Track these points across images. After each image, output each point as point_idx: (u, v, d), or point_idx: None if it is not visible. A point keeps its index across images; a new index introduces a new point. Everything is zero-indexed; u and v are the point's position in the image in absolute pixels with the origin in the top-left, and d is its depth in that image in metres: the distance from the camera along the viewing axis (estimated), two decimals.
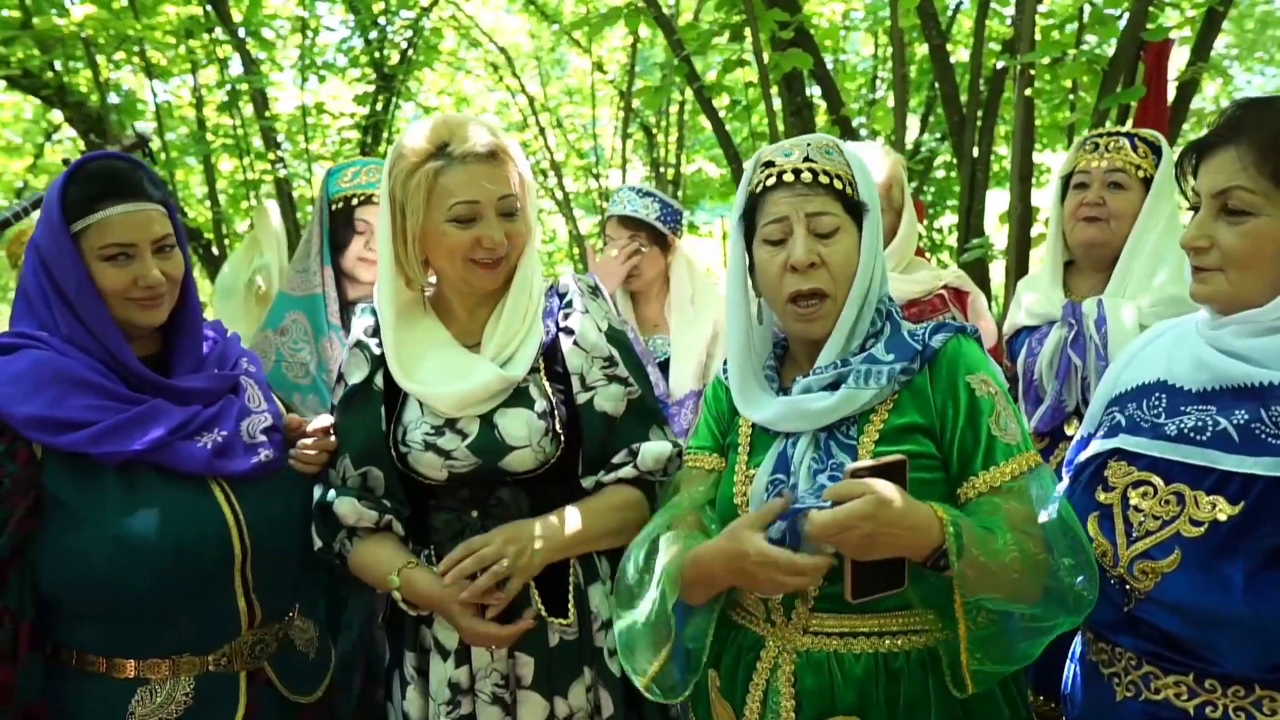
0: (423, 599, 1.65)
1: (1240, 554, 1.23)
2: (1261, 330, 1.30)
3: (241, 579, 1.64)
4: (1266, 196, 1.26)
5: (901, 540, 1.30)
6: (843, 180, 1.52)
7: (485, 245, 1.65)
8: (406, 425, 1.71)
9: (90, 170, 1.63)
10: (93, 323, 1.60)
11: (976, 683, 1.36)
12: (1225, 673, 1.28)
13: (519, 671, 1.68)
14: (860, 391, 1.46)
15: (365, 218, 2.48)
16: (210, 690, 1.63)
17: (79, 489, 1.56)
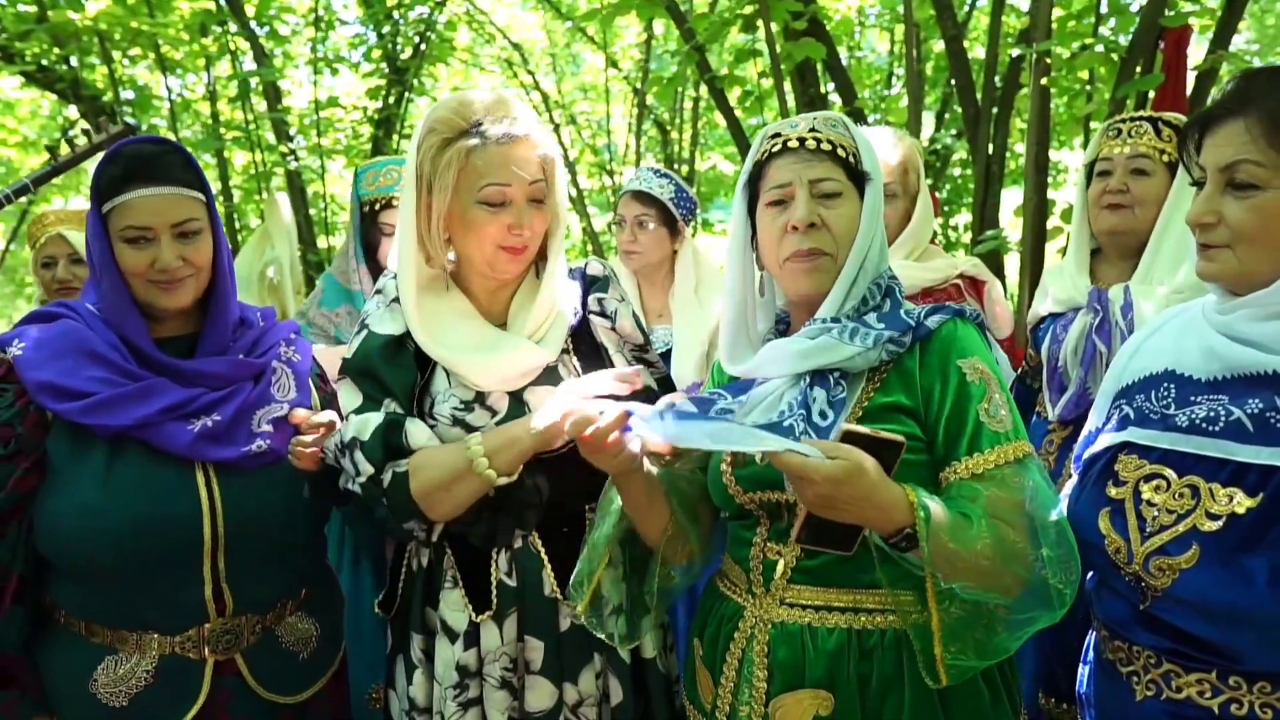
0: (517, 441, 1.57)
1: (1263, 547, 1.19)
2: (1273, 314, 1.26)
3: (211, 565, 1.64)
4: (1276, 169, 1.22)
5: (863, 514, 1.28)
6: (846, 150, 1.53)
7: (515, 231, 1.62)
8: (434, 396, 1.68)
9: (124, 152, 1.67)
10: (111, 300, 1.66)
11: (951, 675, 1.32)
12: (1250, 669, 1.23)
13: (528, 656, 1.66)
14: (841, 345, 1.43)
15: (389, 221, 2.51)
16: (172, 672, 1.64)
17: (70, 456, 1.61)
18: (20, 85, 7.15)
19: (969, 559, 1.28)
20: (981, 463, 1.39)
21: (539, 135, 1.65)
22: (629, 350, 1.76)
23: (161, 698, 1.63)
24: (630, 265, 2.88)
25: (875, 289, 1.53)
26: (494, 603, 1.65)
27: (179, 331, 1.73)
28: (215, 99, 6.46)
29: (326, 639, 1.84)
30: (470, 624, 1.65)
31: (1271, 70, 1.28)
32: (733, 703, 1.49)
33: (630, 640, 1.62)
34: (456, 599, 1.67)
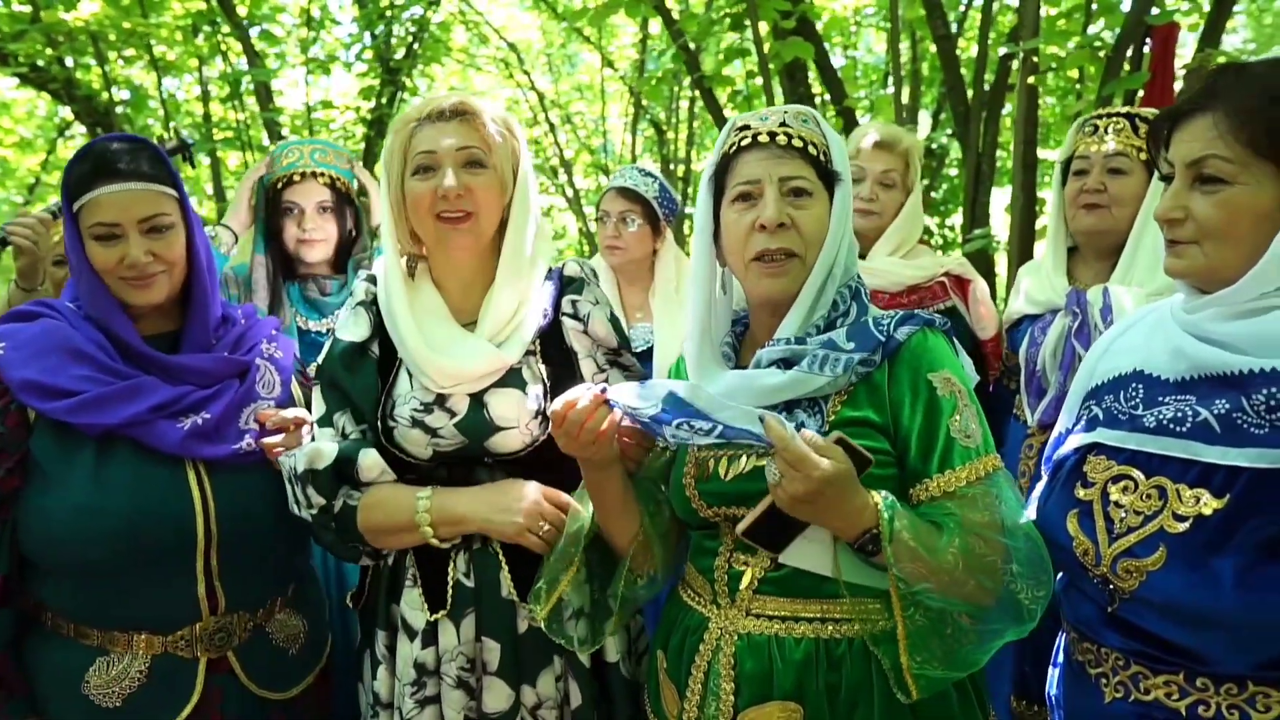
0: (462, 513, 1.62)
1: (1229, 549, 1.18)
2: (1239, 313, 1.25)
3: (204, 564, 1.63)
4: (1242, 164, 1.21)
5: (834, 515, 1.29)
6: (817, 148, 1.48)
7: (440, 193, 1.63)
8: (396, 399, 1.69)
9: (92, 151, 1.68)
10: (90, 298, 1.65)
11: (921, 687, 1.31)
12: (1217, 671, 1.22)
13: (485, 656, 1.66)
14: (811, 376, 1.41)
15: (292, 199, 2.47)
16: (166, 671, 1.64)
17: (57, 454, 1.60)
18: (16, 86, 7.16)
19: (933, 563, 1.27)
20: (953, 480, 1.37)
21: (471, 109, 1.66)
22: (603, 354, 1.75)
23: (155, 697, 1.63)
24: (612, 261, 2.88)
25: (845, 292, 1.50)
26: (449, 602, 1.64)
27: (160, 329, 1.73)
28: (208, 99, 6.45)
29: (313, 635, 1.85)
30: (428, 623, 1.65)
31: (1239, 66, 1.27)
32: (699, 716, 1.46)
33: (591, 644, 1.60)
34: (415, 598, 1.67)
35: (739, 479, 1.45)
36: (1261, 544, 1.16)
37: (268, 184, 2.51)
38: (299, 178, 2.46)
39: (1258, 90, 1.21)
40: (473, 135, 1.65)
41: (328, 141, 2.61)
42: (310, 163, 2.47)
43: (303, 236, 2.46)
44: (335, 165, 2.51)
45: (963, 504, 1.35)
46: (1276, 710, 1.19)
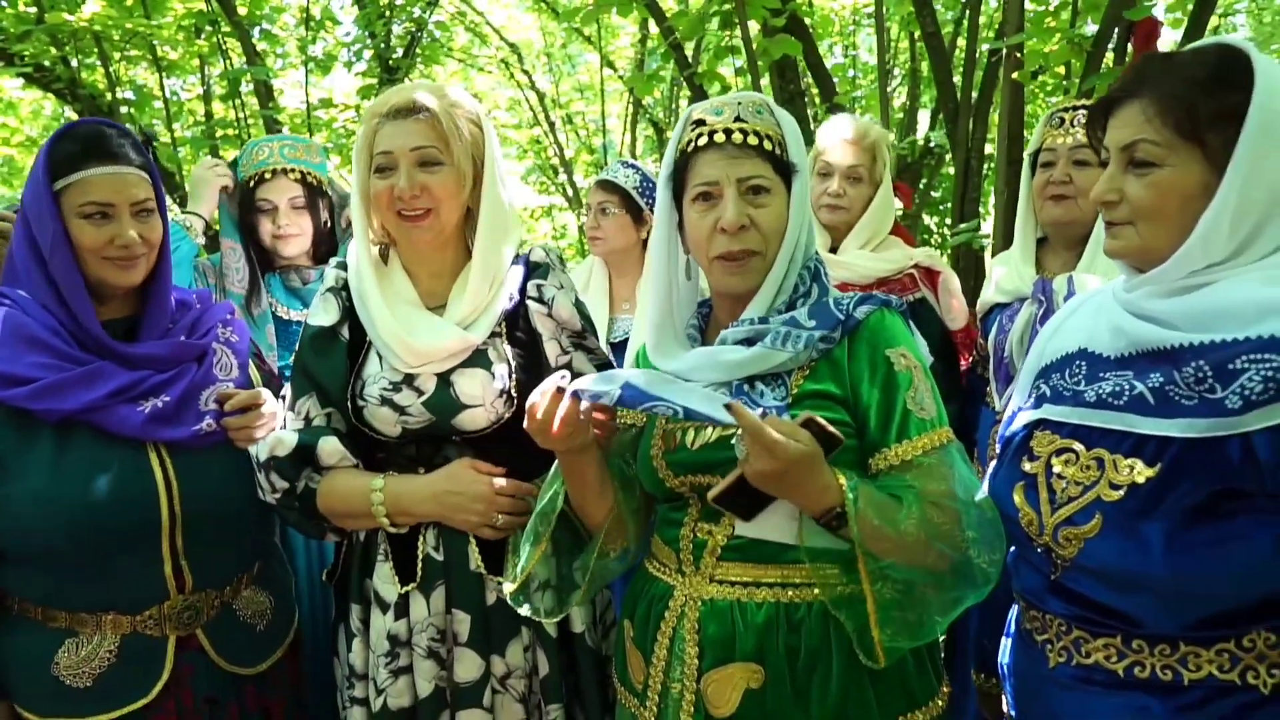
0: (413, 504, 1.69)
1: (1158, 515, 1.22)
2: (1172, 290, 1.30)
3: (170, 544, 1.67)
4: (1170, 148, 1.26)
5: (799, 493, 1.34)
6: (773, 141, 1.52)
7: (396, 194, 1.68)
8: (366, 379, 1.75)
9: (78, 132, 1.69)
10: (63, 280, 1.65)
11: (889, 655, 1.36)
12: (1150, 633, 1.27)
13: (455, 628, 1.71)
14: (774, 352, 1.46)
15: (266, 196, 2.52)
16: (135, 650, 1.67)
17: (16, 442, 1.61)
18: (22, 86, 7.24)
19: (895, 537, 1.33)
20: (910, 449, 1.43)
21: (427, 108, 1.69)
22: (567, 337, 1.80)
23: (125, 676, 1.66)
24: (596, 250, 2.94)
25: (805, 274, 1.55)
26: (419, 575, 1.70)
27: (118, 314, 1.75)
28: (209, 98, 6.52)
29: (280, 611, 1.89)
30: (400, 595, 1.71)
31: (1165, 55, 1.32)
32: (664, 680, 1.51)
33: (557, 614, 1.66)
34: (387, 571, 1.73)
35: (705, 448, 1.50)
36: (1187, 510, 1.21)
37: (240, 181, 2.56)
38: (270, 175, 2.51)
39: (1182, 78, 1.26)
40: (429, 133, 1.69)
41: (297, 136, 2.67)
42: (280, 159, 2.53)
43: (278, 233, 2.52)
44: (306, 160, 2.57)
45: (919, 474, 1.41)
46: (1207, 669, 1.24)
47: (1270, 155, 1.22)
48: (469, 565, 1.71)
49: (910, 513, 1.35)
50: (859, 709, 1.43)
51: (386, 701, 1.71)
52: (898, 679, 1.46)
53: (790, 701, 1.43)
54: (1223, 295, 1.25)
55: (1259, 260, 1.26)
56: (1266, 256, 1.26)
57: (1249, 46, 1.26)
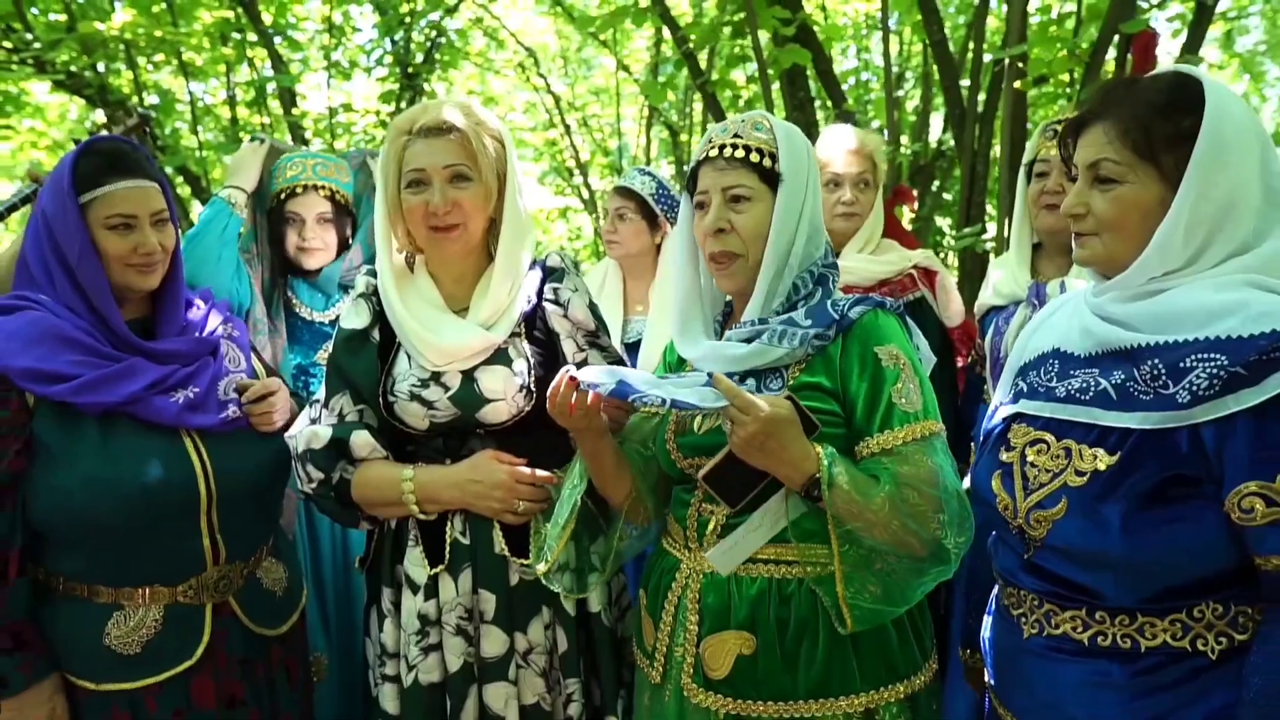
0: (441, 491, 1.82)
1: (1116, 499, 1.35)
2: (1133, 295, 1.42)
3: (207, 520, 1.82)
4: (1130, 166, 1.38)
5: (780, 460, 1.47)
6: (762, 153, 1.65)
7: (430, 209, 1.81)
8: (396, 377, 1.88)
9: (100, 149, 1.83)
10: (90, 285, 1.78)
11: (856, 619, 1.50)
12: (1110, 605, 1.40)
13: (481, 607, 1.85)
14: (771, 348, 1.60)
15: (295, 209, 2.65)
16: (178, 618, 1.83)
17: (62, 434, 1.74)
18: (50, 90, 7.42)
19: (866, 508, 1.46)
20: (892, 439, 1.55)
21: (458, 127, 1.82)
22: (582, 336, 1.94)
23: (171, 642, 1.81)
24: (612, 254, 3.07)
25: (807, 278, 1.67)
26: (446, 558, 1.84)
27: (134, 315, 1.88)
28: (234, 104, 6.70)
29: (292, 579, 2.06)
30: (429, 577, 1.85)
31: (1127, 81, 1.45)
32: (669, 644, 1.68)
33: (577, 592, 1.80)
34: (418, 555, 1.86)
35: (711, 432, 1.65)
36: (1141, 494, 1.33)
37: (271, 194, 2.69)
38: (301, 190, 2.64)
39: (1140, 102, 1.39)
40: (459, 151, 1.82)
41: (329, 155, 2.79)
42: (312, 176, 2.66)
43: (302, 245, 2.64)
44: (335, 179, 2.69)
45: (898, 459, 1.53)
46: (1161, 638, 1.37)
47: (1219, 173, 1.34)
48: (494, 548, 1.85)
49: (883, 490, 1.48)
50: (841, 677, 1.57)
51: (418, 677, 1.85)
52: (880, 651, 1.60)
53: (779, 667, 1.57)
54: (1178, 300, 1.37)
55: (1212, 268, 1.38)
56: (1219, 264, 1.38)
57: (1202, 74, 1.39)
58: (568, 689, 1.87)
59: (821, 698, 1.57)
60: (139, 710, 1.79)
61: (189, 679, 1.82)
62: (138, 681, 1.78)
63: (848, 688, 1.58)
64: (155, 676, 1.79)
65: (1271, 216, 1.38)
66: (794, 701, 1.57)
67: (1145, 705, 1.37)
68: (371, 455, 1.86)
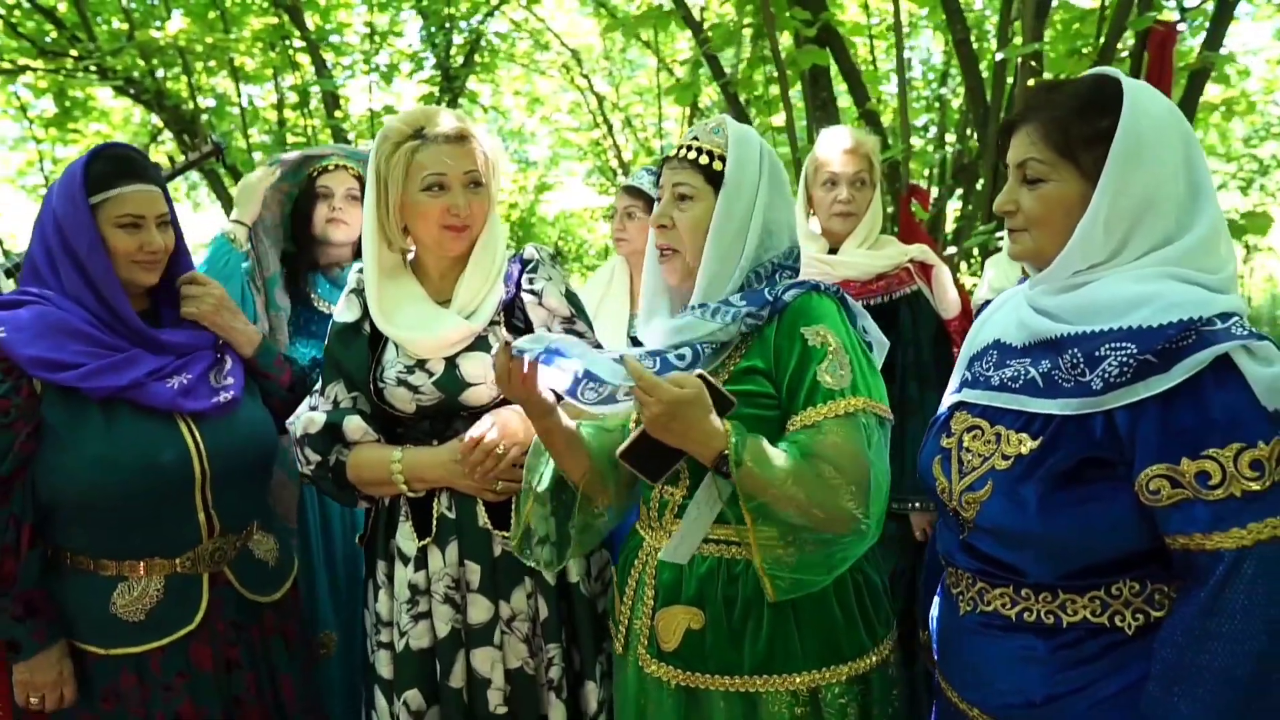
0: (426, 471, 1.96)
1: (1034, 480, 1.41)
2: (1060, 288, 1.49)
3: (201, 496, 1.96)
4: (1053, 166, 1.45)
5: (689, 437, 1.54)
6: (712, 156, 1.74)
7: (453, 212, 1.94)
8: (385, 365, 2.02)
9: (110, 154, 1.98)
10: (100, 280, 1.92)
11: (778, 590, 1.57)
12: (1034, 582, 1.47)
13: (468, 577, 1.98)
14: (703, 322, 1.68)
15: (325, 183, 2.77)
16: (178, 587, 1.97)
17: (68, 418, 1.87)
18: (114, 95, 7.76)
19: (769, 481, 1.52)
20: (815, 414, 1.60)
21: (472, 135, 1.97)
22: (558, 323, 2.05)
23: (172, 609, 1.96)
24: (620, 251, 3.17)
25: (755, 278, 1.74)
26: (434, 531, 1.97)
27: (138, 308, 2.00)
28: (282, 106, 6.94)
29: (283, 551, 2.20)
30: (419, 549, 1.98)
31: (1050, 85, 1.52)
32: (630, 615, 1.78)
33: (555, 566, 1.89)
34: (407, 529, 2.00)
35: None
36: (1057, 475, 1.40)
37: (303, 176, 2.80)
38: (332, 167, 2.78)
39: (1061, 105, 1.46)
40: (473, 158, 1.96)
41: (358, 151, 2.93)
42: (340, 157, 2.81)
43: (331, 216, 2.76)
44: (362, 169, 2.85)
45: (814, 433, 1.58)
46: (1081, 614, 1.43)
47: (1135, 170, 1.40)
48: (478, 523, 1.98)
49: (789, 464, 1.54)
50: (784, 655, 1.65)
51: (409, 643, 1.98)
52: (823, 632, 1.67)
53: (725, 642, 1.66)
54: (1099, 292, 1.44)
55: (1134, 261, 1.44)
56: (1140, 257, 1.44)
57: (1121, 75, 1.46)
58: (549, 654, 1.99)
59: (765, 674, 1.65)
60: (145, 673, 1.93)
61: (189, 644, 1.96)
62: (143, 645, 1.93)
63: (790, 666, 1.65)
64: (158, 641, 1.94)
65: (1194, 211, 1.44)
66: (739, 676, 1.66)
67: (1067, 678, 1.43)
68: (363, 438, 1.99)
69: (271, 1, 6.34)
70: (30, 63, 6.70)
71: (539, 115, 11.01)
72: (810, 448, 1.57)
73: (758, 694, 1.66)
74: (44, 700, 1.89)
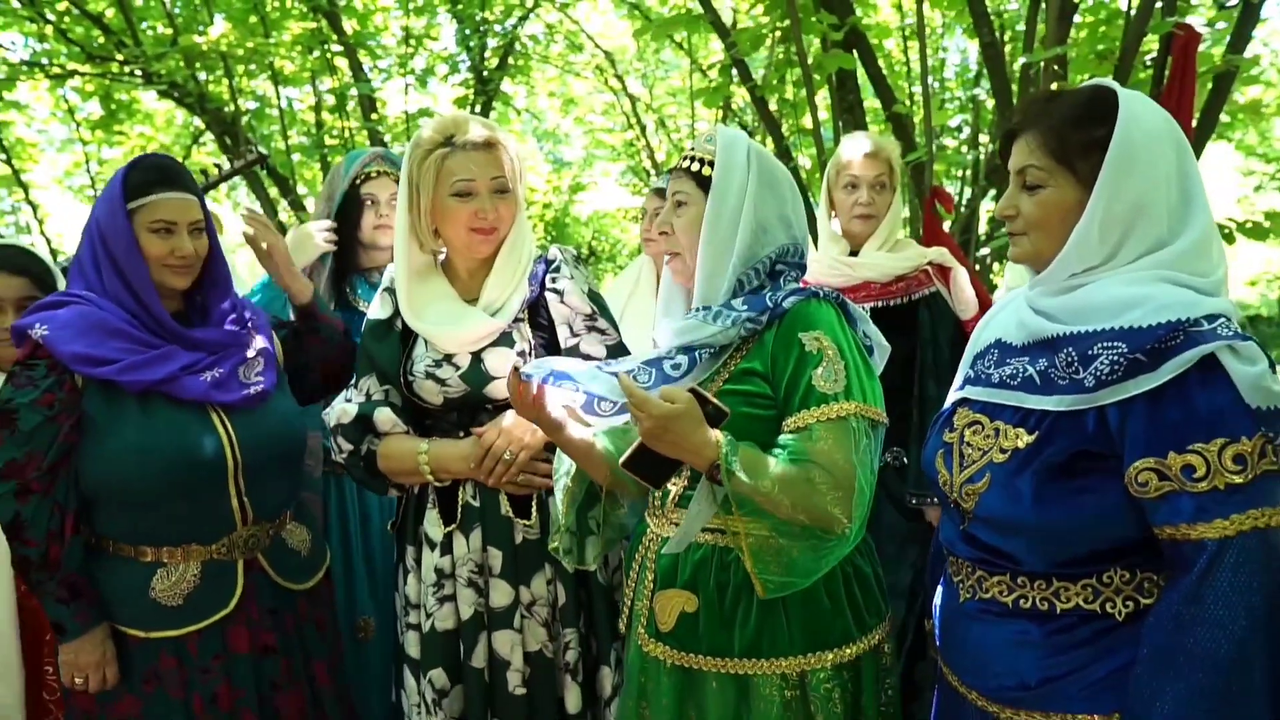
0: (450, 464, 2.06)
1: (1029, 473, 1.48)
2: (1057, 290, 1.55)
3: (235, 485, 2.06)
4: (1050, 172, 1.52)
5: (681, 449, 1.59)
6: (703, 163, 1.80)
7: (480, 216, 2.05)
8: (414, 359, 2.13)
9: (148, 163, 2.09)
10: (136, 281, 2.02)
11: (768, 589, 1.63)
12: (1029, 570, 1.54)
13: (490, 562, 2.08)
14: (705, 325, 1.75)
15: (369, 191, 2.87)
16: (213, 573, 2.07)
17: (107, 411, 1.98)
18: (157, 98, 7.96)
19: (755, 489, 1.58)
20: (807, 417, 1.65)
21: (499, 143, 2.07)
22: (580, 320, 2.15)
23: (208, 594, 2.06)
24: (649, 252, 3.26)
25: (753, 273, 1.79)
26: (459, 518, 2.08)
27: (172, 309, 2.11)
28: (320, 109, 7.10)
29: (315, 542, 2.30)
30: (444, 535, 2.09)
31: (1048, 96, 1.58)
32: (633, 596, 1.88)
33: (575, 558, 1.96)
34: (434, 516, 2.11)
35: None
36: (1051, 468, 1.47)
37: (346, 181, 2.90)
38: (375, 174, 2.89)
39: (1059, 115, 1.52)
40: (500, 165, 2.07)
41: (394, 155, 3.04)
42: (384, 165, 2.92)
43: (379, 222, 2.86)
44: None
45: (805, 436, 1.64)
46: (1075, 600, 1.50)
47: (1129, 177, 1.46)
48: (500, 511, 2.08)
49: (776, 470, 1.59)
50: (772, 640, 1.73)
51: (435, 624, 2.09)
52: (811, 620, 1.73)
53: (717, 625, 1.74)
54: (1093, 294, 1.50)
55: (1128, 264, 1.50)
56: (1134, 261, 1.50)
57: (1117, 86, 1.52)
58: (566, 638, 2.09)
59: (754, 657, 1.73)
60: (184, 655, 2.03)
61: (225, 627, 2.07)
62: (181, 629, 2.03)
63: (777, 650, 1.72)
64: (196, 624, 2.04)
65: (1186, 216, 1.50)
66: (730, 658, 1.74)
67: (1059, 661, 1.50)
68: (393, 429, 2.09)
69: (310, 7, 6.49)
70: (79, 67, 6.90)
71: (573, 116, 11.14)
72: (800, 453, 1.63)
73: (749, 676, 1.74)
74: (88, 681, 2.00)
